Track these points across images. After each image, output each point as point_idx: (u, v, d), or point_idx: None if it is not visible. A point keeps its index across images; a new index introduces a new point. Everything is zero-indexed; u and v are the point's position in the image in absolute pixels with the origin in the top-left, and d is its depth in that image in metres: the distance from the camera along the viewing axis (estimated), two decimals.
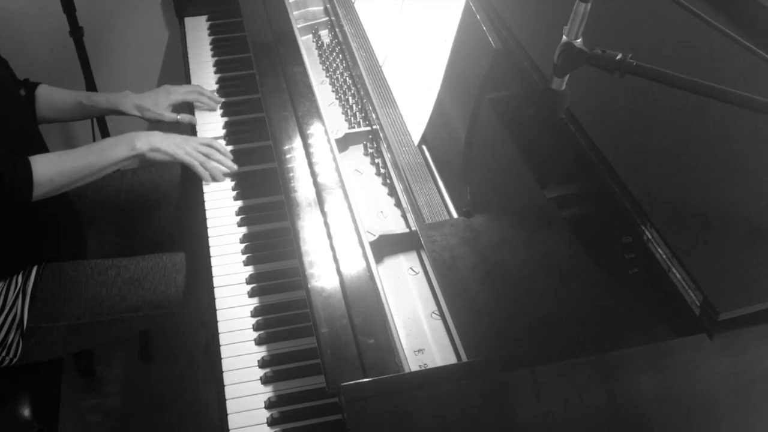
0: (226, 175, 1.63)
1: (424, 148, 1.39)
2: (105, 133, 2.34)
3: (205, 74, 1.93)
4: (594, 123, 1.23)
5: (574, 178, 1.30)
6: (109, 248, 1.85)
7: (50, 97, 1.75)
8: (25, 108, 1.66)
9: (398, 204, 1.40)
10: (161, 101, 1.78)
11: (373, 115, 1.49)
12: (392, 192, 1.42)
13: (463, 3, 1.26)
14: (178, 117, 1.78)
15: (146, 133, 1.59)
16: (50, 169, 1.47)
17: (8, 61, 1.69)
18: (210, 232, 1.52)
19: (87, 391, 2.22)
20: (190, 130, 1.79)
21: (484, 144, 1.30)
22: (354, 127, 1.56)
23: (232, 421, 1.22)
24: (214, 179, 1.62)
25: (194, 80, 1.91)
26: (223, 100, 1.83)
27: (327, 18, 1.86)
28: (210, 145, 1.63)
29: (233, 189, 1.61)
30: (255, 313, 1.37)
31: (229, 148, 1.70)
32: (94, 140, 2.31)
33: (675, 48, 1.40)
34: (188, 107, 1.82)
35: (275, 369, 1.28)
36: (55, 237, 1.66)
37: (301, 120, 1.50)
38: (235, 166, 1.63)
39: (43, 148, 1.65)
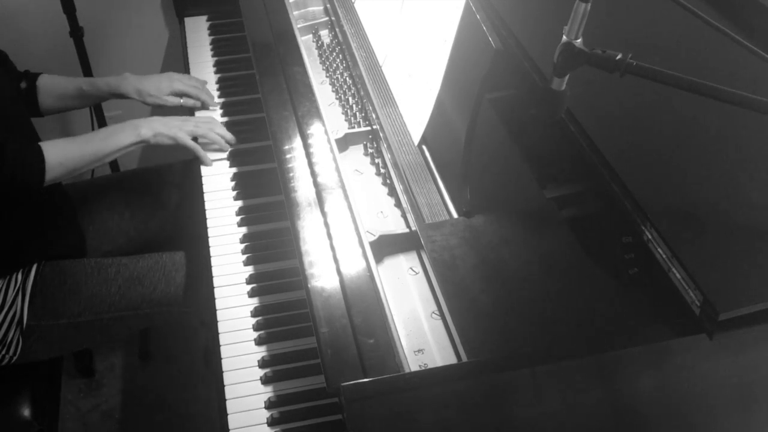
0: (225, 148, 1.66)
1: (424, 148, 1.39)
2: (103, 125, 2.33)
3: (205, 74, 1.92)
4: (594, 123, 1.23)
5: (574, 178, 1.30)
6: (108, 247, 1.85)
7: (52, 85, 1.76)
8: (19, 102, 1.67)
9: (398, 204, 1.40)
10: (163, 87, 1.78)
11: (373, 115, 1.49)
12: (392, 192, 1.42)
13: (463, 3, 1.26)
14: (182, 101, 1.78)
15: (148, 119, 1.61)
16: (59, 154, 1.50)
17: (7, 54, 1.69)
18: (210, 232, 1.52)
19: (87, 391, 2.22)
20: (189, 112, 1.79)
21: (484, 144, 1.30)
22: (354, 127, 1.56)
23: (232, 421, 1.22)
24: (221, 149, 1.66)
25: None
26: (221, 101, 1.83)
27: (327, 18, 1.86)
28: (210, 121, 1.67)
29: (233, 189, 1.61)
30: (255, 313, 1.37)
31: (229, 147, 1.70)
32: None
33: (675, 48, 1.40)
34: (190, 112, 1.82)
35: (275, 369, 1.28)
36: (55, 235, 1.66)
37: (301, 120, 1.50)
38: (234, 139, 1.67)
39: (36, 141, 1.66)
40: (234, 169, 1.65)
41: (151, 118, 1.62)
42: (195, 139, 1.64)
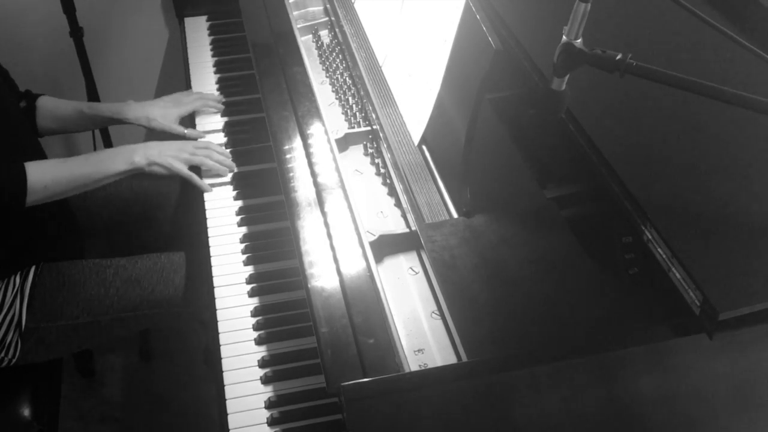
0: (224, 174, 1.63)
1: (424, 148, 1.39)
2: (107, 140, 2.33)
3: (205, 74, 1.93)
4: (594, 123, 1.23)
5: (574, 178, 1.30)
6: (107, 248, 1.85)
7: (51, 107, 1.73)
8: (22, 118, 1.65)
9: (398, 204, 1.40)
10: (170, 114, 1.76)
11: (373, 115, 1.50)
12: (392, 192, 1.42)
13: (463, 3, 1.26)
14: (186, 132, 1.75)
15: (144, 145, 1.58)
16: (45, 176, 1.46)
17: (8, 71, 1.68)
18: (210, 232, 1.52)
19: (87, 391, 2.22)
20: None
21: (484, 144, 1.30)
22: (354, 127, 1.56)
23: (232, 420, 1.22)
24: (219, 175, 1.62)
25: (194, 80, 1.91)
26: (224, 100, 1.84)
27: (327, 18, 1.86)
28: (207, 147, 1.64)
29: (233, 189, 1.61)
30: (255, 313, 1.37)
31: (229, 148, 1.70)
32: (95, 148, 2.31)
33: (675, 48, 1.40)
34: (187, 118, 1.82)
35: (275, 369, 1.28)
36: (53, 237, 1.66)
37: (301, 120, 1.50)
38: (234, 165, 1.64)
39: (39, 155, 1.65)
40: (234, 170, 1.65)
41: (147, 143, 1.59)
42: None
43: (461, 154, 1.24)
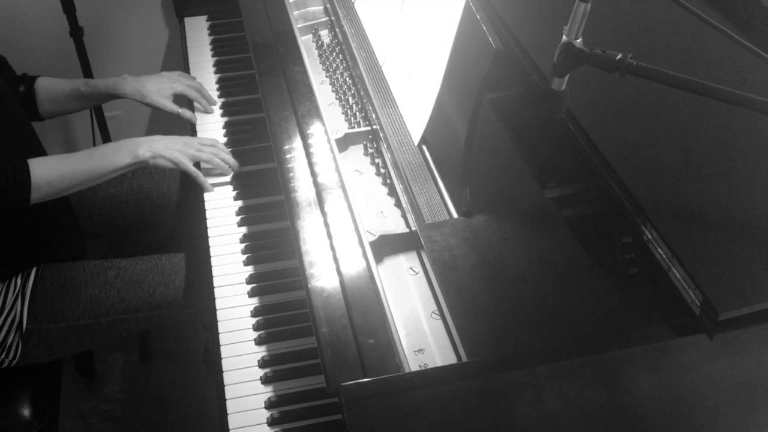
0: (227, 173, 1.63)
1: (424, 148, 1.39)
2: (105, 134, 2.33)
3: (205, 74, 1.92)
4: (594, 123, 1.23)
5: (574, 178, 1.30)
6: (108, 249, 1.84)
7: (49, 88, 1.73)
8: (19, 107, 1.65)
9: (398, 204, 1.40)
10: (164, 89, 1.75)
11: (373, 115, 1.50)
12: (392, 192, 1.42)
13: (463, 3, 1.26)
14: (179, 111, 1.75)
15: (148, 138, 1.57)
16: (49, 172, 1.45)
17: (6, 58, 1.68)
18: (210, 232, 1.52)
19: (87, 391, 2.22)
20: (190, 129, 1.78)
21: (484, 144, 1.30)
22: (354, 127, 1.56)
23: (232, 421, 1.22)
24: (222, 174, 1.62)
25: None
26: (221, 101, 1.83)
27: (327, 18, 1.86)
28: (214, 145, 1.63)
29: (233, 189, 1.61)
30: (255, 313, 1.37)
31: (229, 148, 1.70)
32: (94, 142, 2.31)
33: (675, 48, 1.40)
34: (188, 103, 1.82)
35: (275, 369, 1.29)
36: (54, 238, 1.65)
37: (301, 120, 1.50)
38: (238, 165, 1.63)
39: (39, 152, 1.65)
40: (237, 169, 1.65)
41: (152, 137, 1.57)
42: (197, 163, 1.60)
43: (461, 154, 1.24)
